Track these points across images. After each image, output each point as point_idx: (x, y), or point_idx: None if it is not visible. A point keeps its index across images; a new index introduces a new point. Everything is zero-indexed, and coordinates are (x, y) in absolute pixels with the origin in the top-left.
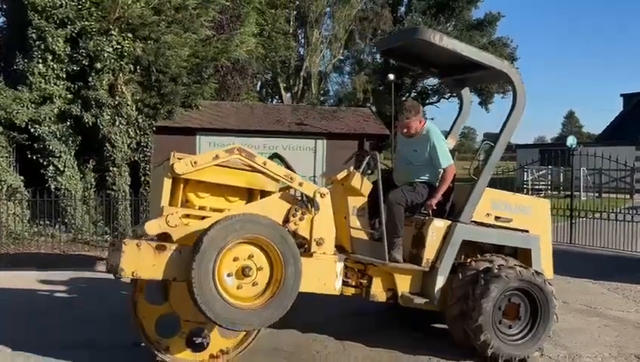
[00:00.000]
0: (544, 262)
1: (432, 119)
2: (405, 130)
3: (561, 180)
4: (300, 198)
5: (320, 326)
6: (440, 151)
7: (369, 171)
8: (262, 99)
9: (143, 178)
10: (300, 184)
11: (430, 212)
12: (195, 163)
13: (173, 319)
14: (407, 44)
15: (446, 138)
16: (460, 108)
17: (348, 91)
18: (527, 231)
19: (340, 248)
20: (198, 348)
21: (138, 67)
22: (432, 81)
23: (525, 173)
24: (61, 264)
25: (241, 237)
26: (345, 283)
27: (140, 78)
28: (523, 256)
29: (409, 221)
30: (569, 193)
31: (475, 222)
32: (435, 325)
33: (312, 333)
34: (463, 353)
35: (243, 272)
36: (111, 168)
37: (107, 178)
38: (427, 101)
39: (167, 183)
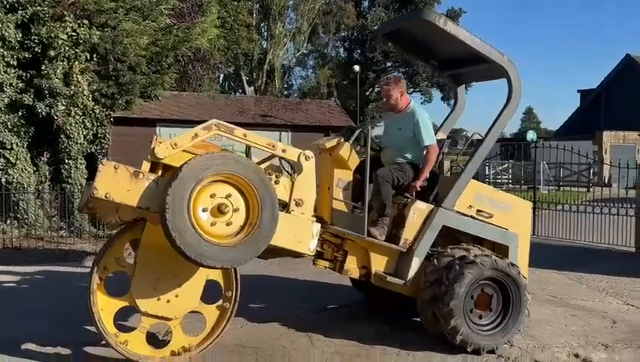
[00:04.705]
0: (520, 261)
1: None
2: (385, 100)
3: (522, 174)
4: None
5: (284, 321)
6: (424, 129)
7: (358, 146)
8: (224, 92)
9: None
10: (284, 150)
11: (414, 194)
12: (175, 145)
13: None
14: (410, 30)
15: (435, 134)
16: (454, 106)
17: (312, 85)
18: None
19: (319, 219)
20: (162, 343)
21: (95, 55)
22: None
23: (487, 167)
24: (13, 260)
25: (221, 173)
26: (319, 255)
27: (96, 67)
28: (500, 253)
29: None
30: (530, 186)
31: (456, 212)
32: (400, 318)
33: (276, 327)
34: (430, 344)
35: (219, 209)
36: (66, 161)
37: (62, 171)
38: None
39: (145, 166)
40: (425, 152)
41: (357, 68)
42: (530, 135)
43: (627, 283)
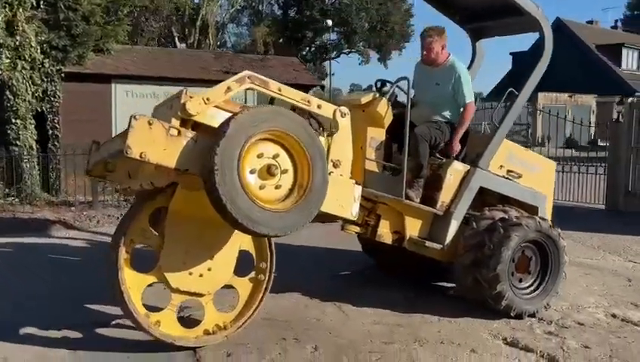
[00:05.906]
0: None
1: (333, 74)
2: (425, 54)
3: None
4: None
5: (304, 291)
6: (465, 85)
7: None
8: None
9: (51, 131)
10: (319, 106)
11: (450, 154)
12: (207, 99)
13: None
14: None
15: None
16: (472, 60)
17: (247, 43)
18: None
19: None
20: (190, 322)
21: (42, 2)
22: (331, 37)
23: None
24: None
25: (270, 130)
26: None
27: (44, 16)
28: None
29: None
30: None
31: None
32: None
33: (298, 297)
34: (464, 310)
35: (268, 171)
36: (13, 120)
37: (9, 132)
38: (326, 56)
39: (175, 123)
40: (462, 110)
41: (329, 22)
42: None
43: (618, 241)
